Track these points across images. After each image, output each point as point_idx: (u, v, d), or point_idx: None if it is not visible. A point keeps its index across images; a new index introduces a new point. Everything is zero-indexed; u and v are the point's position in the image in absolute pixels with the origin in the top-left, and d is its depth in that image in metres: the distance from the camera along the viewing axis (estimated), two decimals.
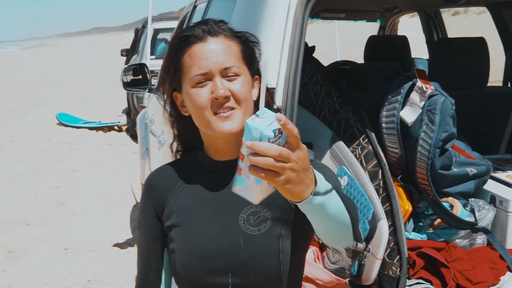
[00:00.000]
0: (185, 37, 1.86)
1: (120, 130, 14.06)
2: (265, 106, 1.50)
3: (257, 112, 1.47)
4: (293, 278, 1.94)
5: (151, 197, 2.01)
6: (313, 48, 4.72)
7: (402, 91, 3.36)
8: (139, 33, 15.63)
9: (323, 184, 1.55)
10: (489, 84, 4.20)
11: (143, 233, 2.04)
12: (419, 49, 6.39)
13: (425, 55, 6.13)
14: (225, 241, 1.88)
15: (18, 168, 10.45)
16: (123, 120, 14.89)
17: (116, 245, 6.52)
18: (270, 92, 2.59)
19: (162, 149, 4.50)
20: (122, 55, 17.86)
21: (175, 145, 2.10)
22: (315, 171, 1.55)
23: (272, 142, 1.43)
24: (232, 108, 1.83)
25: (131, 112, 13.42)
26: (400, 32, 6.04)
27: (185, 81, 1.86)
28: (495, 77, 5.17)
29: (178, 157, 2.11)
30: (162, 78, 1.96)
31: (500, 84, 5.06)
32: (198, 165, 1.99)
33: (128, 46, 17.64)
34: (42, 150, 11.93)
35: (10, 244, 6.63)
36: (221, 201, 1.93)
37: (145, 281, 2.06)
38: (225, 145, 1.91)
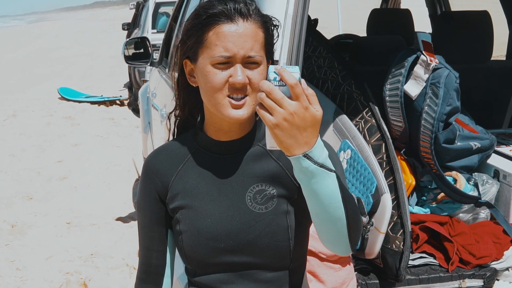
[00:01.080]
0: (215, 14, 1.79)
1: (122, 104, 14.06)
2: None
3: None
4: (299, 253, 1.94)
5: (152, 180, 1.97)
6: (316, 21, 4.70)
7: (406, 64, 3.33)
8: (140, 7, 15.57)
9: (320, 154, 1.58)
10: (493, 59, 4.17)
11: (145, 216, 2.00)
12: (422, 23, 6.37)
13: (429, 29, 6.10)
14: (233, 220, 1.87)
15: (20, 143, 10.46)
16: (125, 94, 14.88)
17: (119, 219, 6.54)
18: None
19: (164, 122, 4.48)
20: (123, 29, 17.80)
21: (173, 117, 2.07)
22: (322, 142, 1.60)
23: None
24: (245, 95, 1.80)
25: (132, 86, 13.39)
26: (403, 6, 6.01)
27: (204, 56, 1.81)
28: (500, 52, 5.14)
29: (175, 129, 2.08)
30: (179, 43, 1.89)
31: (504, 59, 5.03)
32: (199, 144, 1.96)
33: (129, 20, 17.60)
34: (44, 125, 11.94)
35: (12, 219, 6.65)
36: (225, 181, 1.91)
37: (148, 265, 2.03)
38: (229, 126, 1.88)
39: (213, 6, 1.80)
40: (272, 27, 1.89)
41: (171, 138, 2.09)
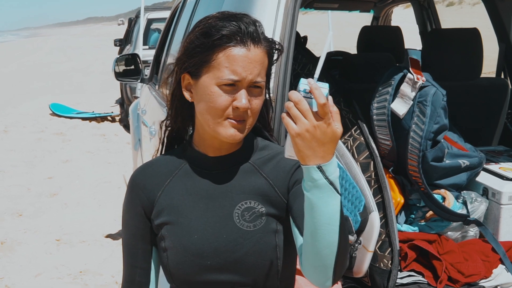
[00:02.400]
0: (227, 36, 1.78)
1: (113, 120, 14.04)
2: None
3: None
4: (287, 273, 1.93)
5: (137, 195, 1.96)
6: (305, 38, 4.70)
7: (393, 83, 3.33)
8: (132, 23, 15.58)
9: (332, 171, 1.62)
10: (484, 76, 4.18)
11: (129, 232, 1.99)
12: (414, 40, 6.37)
13: (419, 46, 6.11)
14: (220, 237, 1.86)
15: (10, 159, 10.43)
16: (116, 110, 14.87)
17: (109, 236, 6.51)
18: None
19: (153, 140, 4.47)
20: (115, 45, 17.84)
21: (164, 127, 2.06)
22: (337, 162, 1.66)
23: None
24: (244, 119, 1.82)
25: (124, 103, 13.39)
26: (395, 23, 6.01)
27: (209, 75, 1.80)
28: (491, 68, 5.14)
29: (164, 139, 2.07)
30: (181, 57, 1.88)
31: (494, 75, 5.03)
32: (187, 160, 1.96)
33: (121, 36, 17.61)
34: (34, 141, 11.91)
35: (2, 235, 6.62)
36: (213, 197, 1.90)
37: (131, 282, 2.01)
38: (220, 143, 1.89)
39: (225, 27, 1.80)
40: (275, 51, 1.90)
41: (161, 148, 2.08)
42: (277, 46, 1.89)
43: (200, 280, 1.87)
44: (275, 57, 1.91)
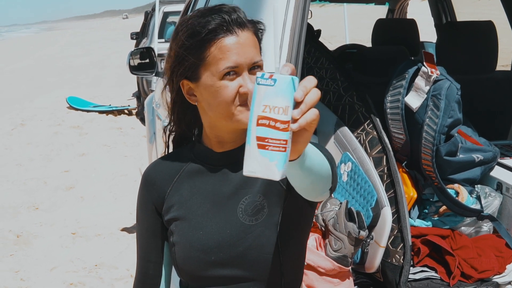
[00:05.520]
0: (214, 29, 1.77)
1: (130, 113, 14.06)
2: None
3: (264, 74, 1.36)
4: (291, 267, 1.92)
5: (149, 191, 1.98)
6: (318, 32, 4.68)
7: (406, 76, 3.31)
8: (148, 16, 15.59)
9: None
10: (498, 69, 4.14)
11: (142, 228, 2.02)
12: (430, 32, 6.34)
13: (435, 38, 6.08)
14: (224, 233, 1.86)
15: (27, 152, 10.48)
16: (133, 103, 14.89)
17: (124, 229, 6.53)
18: None
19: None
20: (132, 38, 17.84)
21: (168, 132, 2.06)
22: None
23: None
24: None
25: (141, 96, 13.40)
26: (411, 15, 5.99)
27: (208, 73, 1.79)
28: (506, 61, 5.11)
29: (168, 143, 2.08)
30: (174, 65, 1.86)
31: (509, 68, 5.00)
32: (196, 156, 1.96)
33: (138, 29, 17.63)
34: (51, 134, 11.95)
35: (18, 229, 6.65)
36: (219, 193, 1.90)
37: (145, 275, 2.05)
38: (231, 136, 1.88)
39: (209, 21, 1.78)
40: (261, 31, 1.89)
41: (167, 152, 2.09)
42: (261, 26, 1.89)
43: (206, 275, 1.88)
44: (260, 36, 1.90)
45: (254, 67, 1.80)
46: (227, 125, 1.84)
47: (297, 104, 1.32)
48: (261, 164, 1.33)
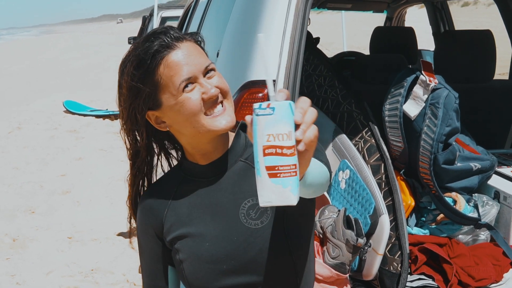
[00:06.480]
0: (158, 51, 1.78)
1: None
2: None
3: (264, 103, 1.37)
4: (306, 264, 1.93)
5: (147, 217, 1.98)
6: (317, 39, 4.69)
7: (405, 84, 3.32)
8: (146, 21, 15.61)
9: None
10: (496, 78, 4.15)
11: (145, 254, 2.03)
12: (429, 41, 6.35)
13: (433, 46, 6.09)
14: (231, 240, 1.86)
15: (24, 156, 10.45)
16: None
17: (120, 234, 6.51)
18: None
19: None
20: (129, 43, 17.83)
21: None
22: None
23: None
24: (222, 103, 1.81)
25: None
26: (409, 23, 6.00)
27: (167, 94, 1.79)
28: (506, 70, 5.11)
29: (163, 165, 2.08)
30: (131, 100, 1.85)
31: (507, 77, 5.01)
32: (185, 173, 1.97)
33: (136, 34, 17.63)
34: (48, 138, 11.92)
35: (14, 232, 6.63)
36: (216, 203, 1.91)
37: None
38: (213, 145, 1.89)
39: (150, 46, 1.80)
40: (200, 40, 1.92)
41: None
42: (199, 37, 1.92)
43: (219, 286, 1.88)
44: (202, 45, 1.92)
45: (208, 72, 1.81)
46: (203, 136, 1.83)
47: (297, 126, 1.34)
48: (276, 192, 1.35)
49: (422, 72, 3.28)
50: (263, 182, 1.35)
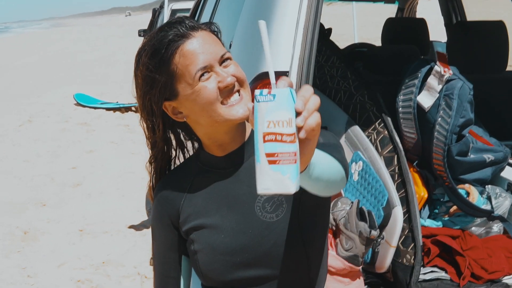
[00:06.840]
0: (172, 40, 1.78)
1: (137, 111, 13.97)
2: None
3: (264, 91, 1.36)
4: (320, 259, 1.94)
5: (163, 207, 1.98)
6: (329, 30, 4.67)
7: (419, 75, 3.30)
8: (156, 14, 15.59)
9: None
10: (508, 69, 4.13)
11: (159, 243, 2.03)
12: (438, 31, 6.32)
13: (445, 38, 6.06)
14: (246, 233, 1.86)
15: (34, 149, 10.47)
16: None
17: (131, 226, 6.51)
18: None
19: None
20: (139, 35, 17.83)
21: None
22: None
23: None
24: (238, 91, 1.81)
25: None
26: (421, 14, 5.97)
27: (184, 84, 1.79)
28: None
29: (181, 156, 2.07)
30: (147, 90, 1.85)
31: None
32: (203, 164, 1.97)
33: (146, 26, 17.63)
34: (59, 131, 11.94)
35: (25, 225, 6.64)
36: (233, 195, 1.91)
37: None
38: (230, 136, 1.88)
39: (165, 36, 1.80)
40: (216, 30, 1.91)
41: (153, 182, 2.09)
42: (214, 27, 1.91)
43: (232, 278, 1.88)
44: (217, 34, 1.91)
45: (224, 61, 1.81)
46: (220, 126, 1.83)
47: (298, 114, 1.33)
48: (274, 179, 1.33)
49: (437, 62, 3.26)
50: (262, 169, 1.34)
